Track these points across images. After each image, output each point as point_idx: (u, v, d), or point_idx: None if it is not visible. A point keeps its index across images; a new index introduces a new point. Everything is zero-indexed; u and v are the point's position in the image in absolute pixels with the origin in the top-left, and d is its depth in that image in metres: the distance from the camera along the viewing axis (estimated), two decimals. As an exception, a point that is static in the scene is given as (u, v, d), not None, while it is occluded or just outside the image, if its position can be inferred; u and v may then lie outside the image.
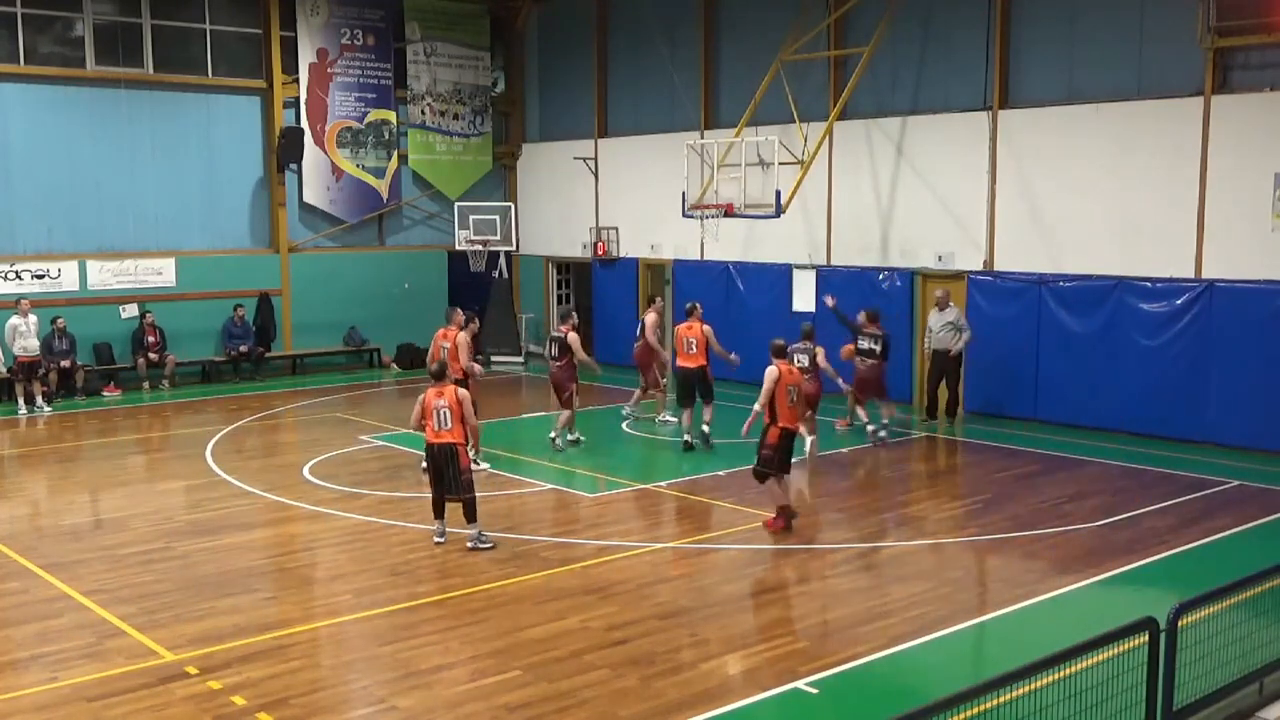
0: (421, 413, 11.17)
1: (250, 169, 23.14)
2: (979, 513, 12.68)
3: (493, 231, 24.49)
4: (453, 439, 11.06)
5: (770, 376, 11.70)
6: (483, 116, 25.85)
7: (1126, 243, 16.61)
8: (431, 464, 11.25)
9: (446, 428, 11.06)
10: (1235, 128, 15.46)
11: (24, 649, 8.85)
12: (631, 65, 23.79)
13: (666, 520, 12.70)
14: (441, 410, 11.04)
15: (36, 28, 20.71)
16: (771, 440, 11.76)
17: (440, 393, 11.12)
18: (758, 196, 18.52)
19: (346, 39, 23.79)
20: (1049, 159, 17.39)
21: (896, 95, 19.35)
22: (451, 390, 11.19)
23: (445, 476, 11.17)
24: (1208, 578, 8.71)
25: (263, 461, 15.62)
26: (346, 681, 8.28)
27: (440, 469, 11.16)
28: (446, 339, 14.42)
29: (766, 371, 11.83)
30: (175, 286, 22.06)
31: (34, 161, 20.71)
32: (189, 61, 22.21)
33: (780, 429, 11.74)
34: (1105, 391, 16.81)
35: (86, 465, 15.74)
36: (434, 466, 11.21)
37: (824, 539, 11.95)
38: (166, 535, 11.91)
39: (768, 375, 11.78)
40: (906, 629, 9.11)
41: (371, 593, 10.08)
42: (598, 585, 10.25)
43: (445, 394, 11.10)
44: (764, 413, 11.84)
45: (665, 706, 7.70)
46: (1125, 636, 6.42)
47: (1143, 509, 12.69)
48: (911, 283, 19.05)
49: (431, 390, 11.19)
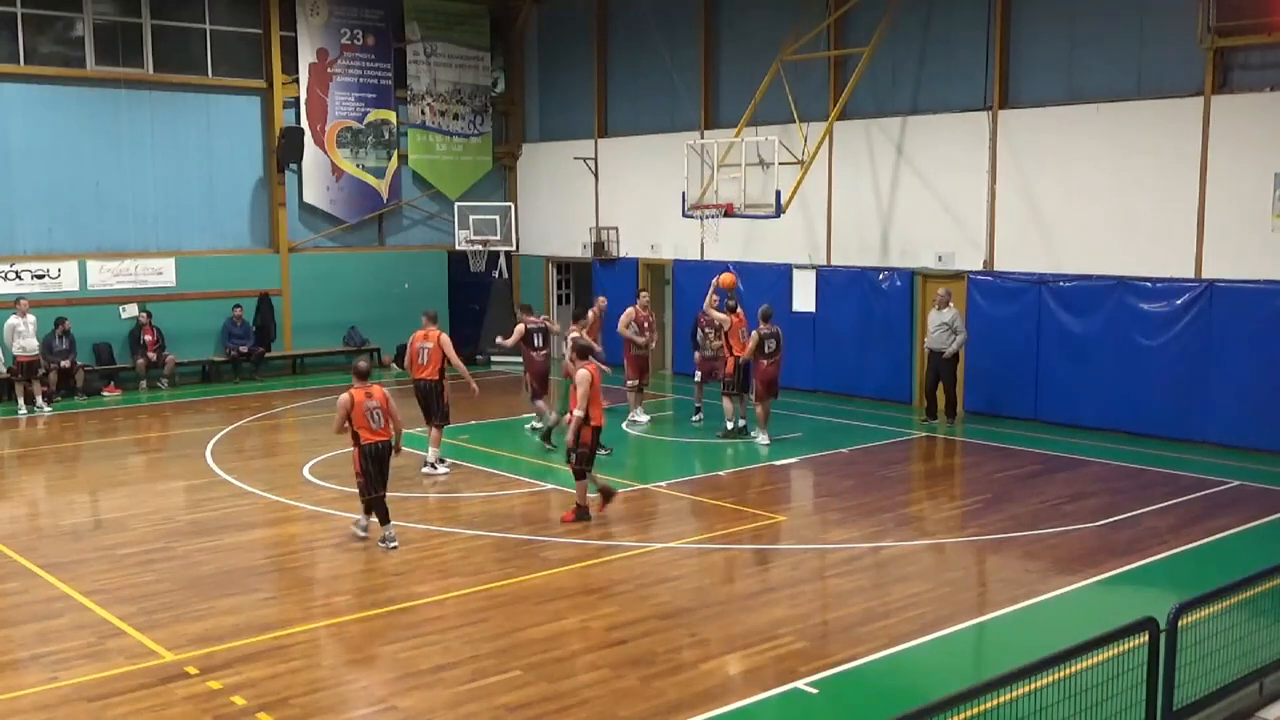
0: (347, 414, 11.19)
1: (250, 169, 23.14)
2: (979, 513, 12.68)
3: (493, 231, 24.50)
4: (387, 437, 11.36)
5: (584, 380, 11.97)
6: (483, 116, 25.85)
7: (1126, 243, 16.61)
8: (374, 461, 11.25)
9: (382, 426, 11.28)
10: (1235, 128, 15.46)
11: (24, 649, 8.85)
12: (631, 65, 23.79)
13: (666, 520, 12.70)
14: (374, 410, 11.24)
15: (36, 28, 20.71)
16: (586, 440, 12.11)
17: (369, 393, 11.28)
18: (758, 196, 18.53)
19: (346, 39, 23.79)
20: (1049, 159, 17.39)
21: (896, 95, 19.35)
22: (379, 389, 11.42)
23: (388, 473, 11.44)
24: (1208, 578, 8.72)
25: (263, 461, 15.62)
26: (346, 681, 8.28)
27: (384, 465, 11.35)
28: (428, 339, 14.33)
29: (579, 375, 12.04)
30: (175, 286, 22.06)
31: (34, 161, 20.71)
32: (189, 61, 22.21)
33: (594, 428, 12.15)
34: (1105, 391, 16.81)
35: (86, 465, 15.75)
36: (378, 463, 11.28)
37: (824, 539, 11.95)
38: (166, 535, 11.91)
39: (580, 379, 11.98)
40: (906, 629, 9.11)
41: (371, 593, 10.09)
42: (598, 585, 10.25)
43: (374, 394, 11.31)
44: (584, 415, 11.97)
45: (665, 706, 7.70)
46: (1125, 636, 6.41)
47: (1143, 509, 12.69)
48: (911, 283, 19.04)
49: (359, 390, 11.25)
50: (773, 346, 16.04)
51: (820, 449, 15.87)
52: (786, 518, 12.63)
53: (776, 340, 16.11)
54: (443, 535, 11.77)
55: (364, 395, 11.21)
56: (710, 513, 12.84)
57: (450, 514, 12.65)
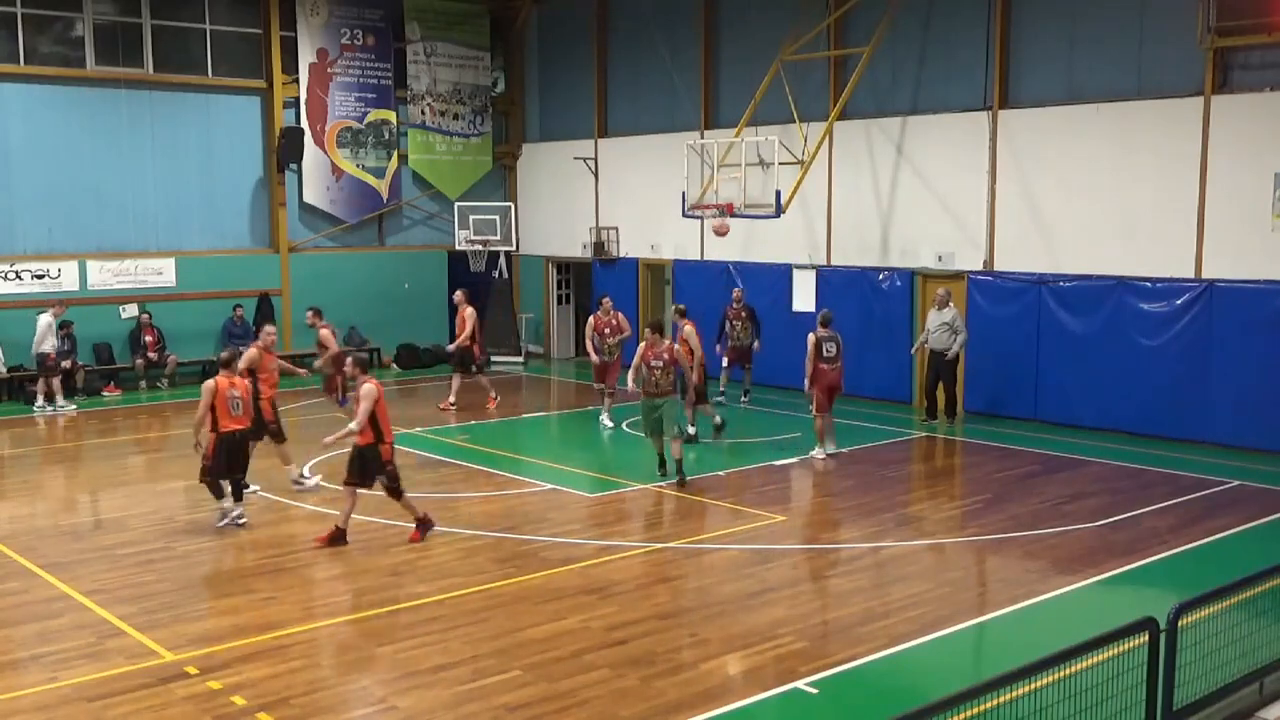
0: (212, 400, 11.72)
1: (250, 169, 23.14)
2: (979, 513, 12.68)
3: (493, 231, 24.50)
4: (248, 425, 12.03)
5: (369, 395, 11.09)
6: (483, 116, 25.85)
7: (1126, 243, 16.61)
8: (231, 449, 11.85)
9: (240, 414, 11.89)
10: (1235, 128, 15.46)
11: (24, 649, 8.85)
12: (631, 65, 23.79)
13: (666, 520, 12.70)
14: (235, 399, 11.85)
15: (36, 28, 20.71)
16: (387, 457, 11.32)
17: (233, 383, 11.90)
18: (758, 196, 18.53)
19: (346, 39, 23.79)
20: (1049, 159, 17.39)
21: (896, 95, 19.35)
22: (242, 380, 12.03)
23: (242, 460, 12.07)
24: (1208, 578, 8.71)
25: (263, 461, 15.59)
26: (346, 681, 8.29)
27: (237, 453, 11.95)
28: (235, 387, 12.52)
29: (363, 390, 11.13)
30: (175, 286, 22.06)
31: (34, 161, 20.71)
32: (189, 61, 22.22)
33: (387, 445, 11.30)
34: (1105, 391, 16.81)
35: (86, 465, 15.75)
36: (233, 451, 11.88)
37: (824, 539, 11.95)
38: (166, 535, 11.91)
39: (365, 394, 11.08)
40: (906, 629, 9.11)
41: (371, 593, 10.09)
42: (598, 585, 10.25)
43: (237, 384, 11.94)
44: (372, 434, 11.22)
45: (665, 706, 7.70)
46: (1125, 636, 6.41)
47: (1143, 509, 12.69)
48: (911, 283, 19.04)
49: (224, 379, 11.88)
50: (833, 351, 15.22)
51: (820, 449, 15.86)
52: (786, 518, 12.63)
53: (836, 345, 15.29)
54: (443, 535, 11.76)
55: (228, 384, 11.85)
56: (710, 513, 12.84)
57: (450, 514, 12.64)
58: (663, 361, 13.85)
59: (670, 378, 13.92)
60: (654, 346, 13.96)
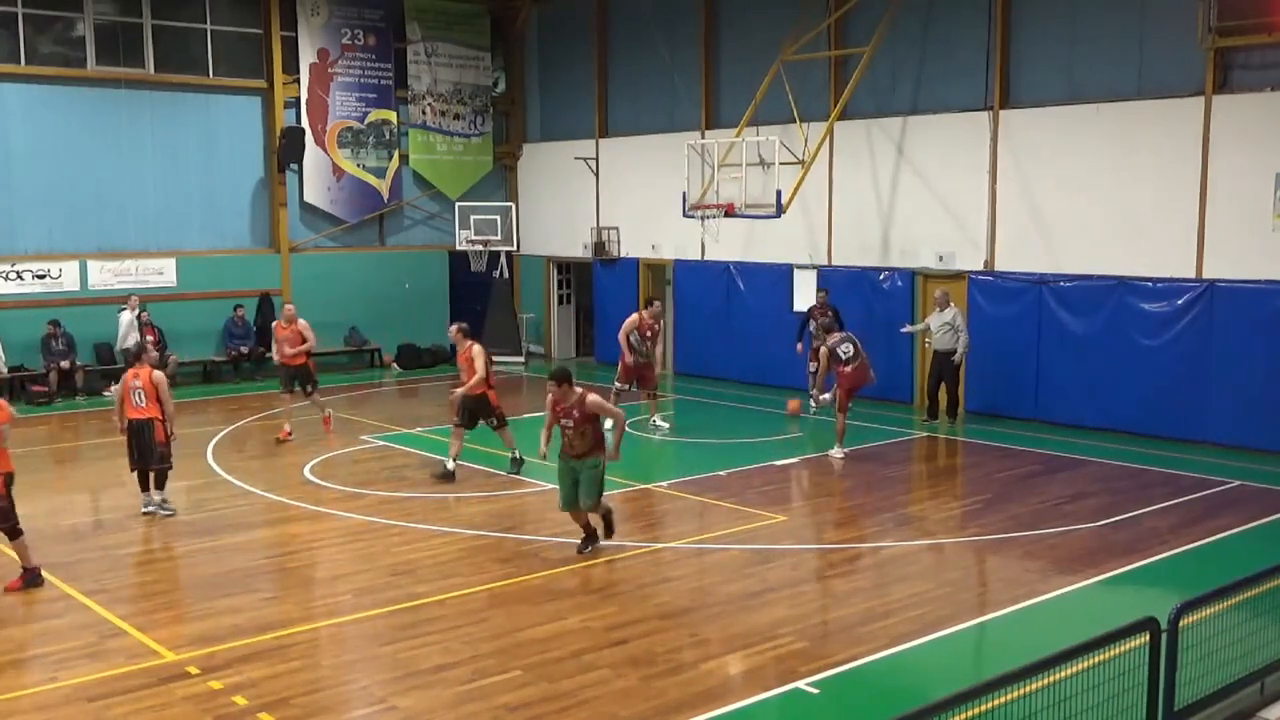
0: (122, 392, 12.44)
1: (251, 169, 23.14)
2: (979, 513, 12.68)
3: (493, 231, 24.50)
4: (149, 414, 12.29)
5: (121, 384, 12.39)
6: (483, 116, 25.85)
7: (1126, 243, 16.61)
8: (134, 438, 12.36)
9: (143, 405, 12.31)
10: (1235, 128, 15.46)
11: (24, 649, 8.85)
12: (631, 65, 23.79)
13: (666, 520, 12.69)
14: (137, 390, 12.31)
15: (36, 28, 20.71)
16: None
17: (137, 374, 12.39)
18: (758, 196, 18.52)
19: (347, 39, 23.79)
20: (1049, 159, 17.39)
21: (896, 95, 19.35)
22: (147, 373, 12.43)
23: (145, 448, 12.37)
24: (1209, 578, 8.70)
25: (263, 461, 15.61)
26: (347, 681, 8.28)
27: (140, 441, 12.34)
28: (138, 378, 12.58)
29: None
30: (175, 286, 22.07)
31: (34, 161, 20.71)
32: (189, 61, 22.22)
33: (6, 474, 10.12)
34: (1105, 391, 16.81)
35: (86, 465, 15.75)
36: (135, 440, 12.35)
37: (824, 539, 11.95)
38: (166, 535, 11.91)
39: None
40: (907, 629, 9.11)
41: (371, 593, 10.08)
42: (598, 585, 10.25)
43: (141, 376, 12.37)
44: None
45: (666, 706, 7.70)
46: (1126, 637, 6.41)
47: (1143, 509, 12.69)
48: (912, 283, 19.04)
49: (129, 372, 12.53)
50: (850, 351, 15.27)
51: (821, 449, 15.85)
52: (786, 518, 12.62)
53: (853, 344, 15.38)
54: (443, 535, 11.76)
55: (132, 376, 12.41)
56: (710, 513, 12.84)
57: (450, 514, 12.64)
58: (573, 420, 10.78)
59: (587, 438, 10.86)
60: (562, 401, 10.83)
